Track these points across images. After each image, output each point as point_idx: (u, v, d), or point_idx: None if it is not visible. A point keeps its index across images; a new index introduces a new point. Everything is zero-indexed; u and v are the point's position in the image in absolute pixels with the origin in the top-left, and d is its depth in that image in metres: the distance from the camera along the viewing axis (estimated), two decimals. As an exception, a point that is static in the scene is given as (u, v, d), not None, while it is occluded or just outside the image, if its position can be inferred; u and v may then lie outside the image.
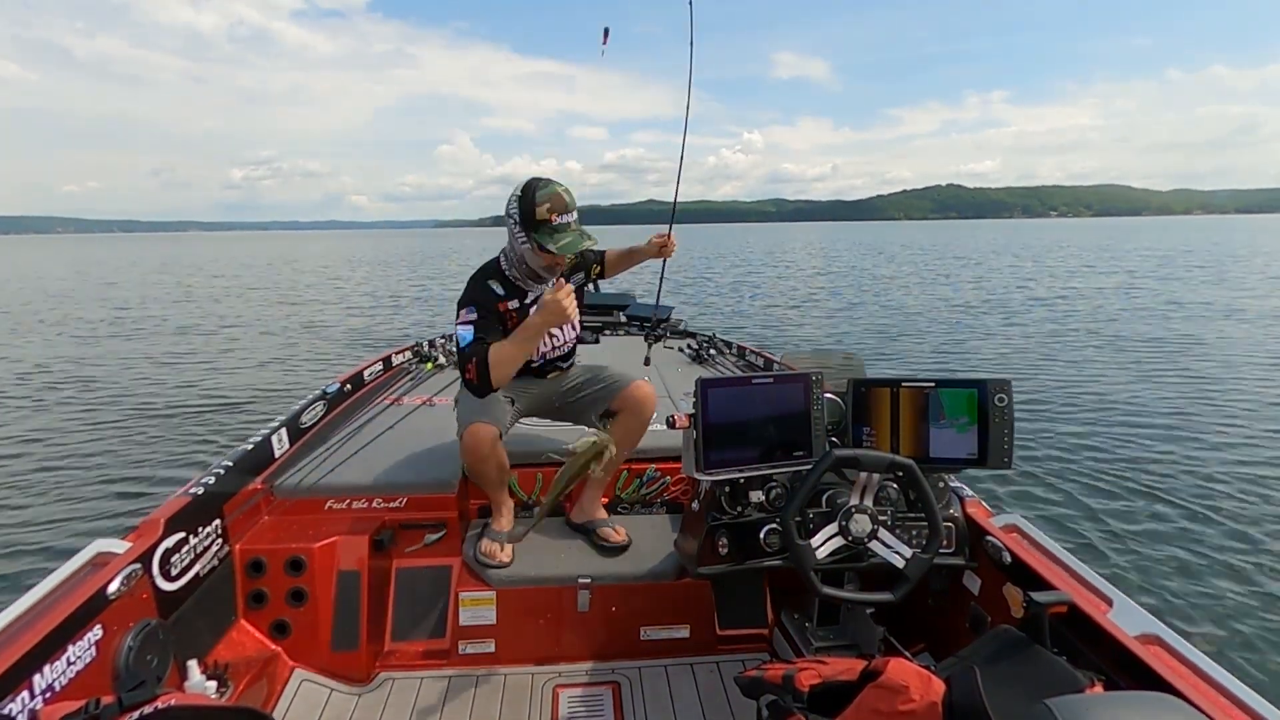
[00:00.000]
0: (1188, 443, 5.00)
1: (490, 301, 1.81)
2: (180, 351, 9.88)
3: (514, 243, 1.80)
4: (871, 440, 1.64)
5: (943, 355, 8.99)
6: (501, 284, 1.85)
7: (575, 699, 1.76)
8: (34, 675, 1.13)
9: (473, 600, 1.90)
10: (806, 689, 1.05)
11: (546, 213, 1.71)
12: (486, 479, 1.94)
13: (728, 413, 1.53)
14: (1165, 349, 8.61)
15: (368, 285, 21.75)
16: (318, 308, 15.61)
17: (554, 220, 1.71)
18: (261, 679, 1.66)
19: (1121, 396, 6.37)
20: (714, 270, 25.82)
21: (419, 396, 2.98)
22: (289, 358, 9.39)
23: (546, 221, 1.71)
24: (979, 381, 1.53)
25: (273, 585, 1.81)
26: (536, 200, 1.71)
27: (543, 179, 1.75)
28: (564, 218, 1.72)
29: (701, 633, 1.94)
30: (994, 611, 1.50)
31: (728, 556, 1.55)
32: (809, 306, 14.56)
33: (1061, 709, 0.72)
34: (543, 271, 1.83)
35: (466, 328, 1.74)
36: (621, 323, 4.79)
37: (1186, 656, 1.08)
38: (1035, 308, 13.11)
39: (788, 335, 11.03)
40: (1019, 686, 1.04)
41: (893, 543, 1.42)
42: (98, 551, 1.41)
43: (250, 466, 1.97)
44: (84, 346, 10.40)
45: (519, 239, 1.77)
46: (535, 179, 1.75)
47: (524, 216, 1.73)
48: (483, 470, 1.88)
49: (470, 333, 1.73)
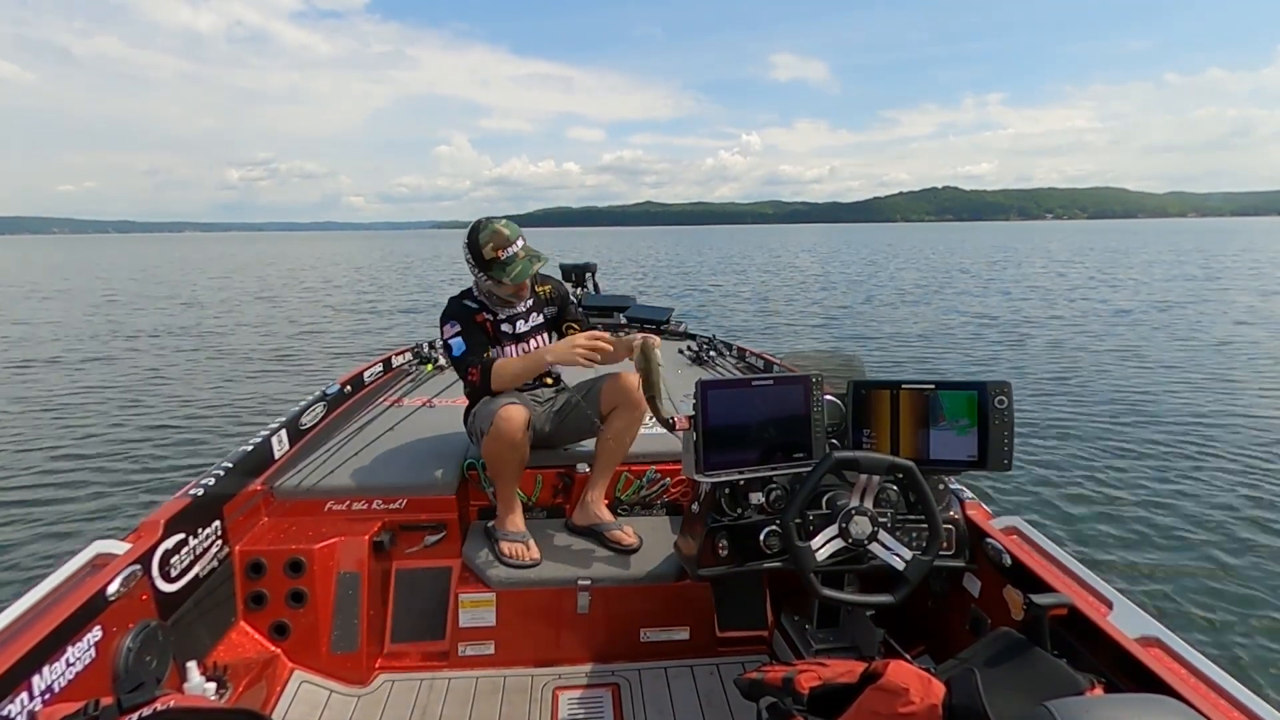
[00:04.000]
0: (1188, 444, 5.00)
1: (469, 314, 2.00)
2: (180, 352, 9.88)
3: (478, 281, 2.00)
4: (871, 442, 1.63)
5: (943, 357, 8.99)
6: (475, 302, 2.04)
7: (575, 701, 1.76)
8: (33, 676, 1.13)
9: (472, 602, 1.90)
10: (806, 691, 1.05)
11: (492, 251, 1.88)
12: (507, 469, 1.93)
13: (728, 414, 1.53)
14: (1166, 350, 8.61)
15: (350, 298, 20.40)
16: (316, 310, 15.62)
17: (501, 256, 1.88)
18: (261, 680, 1.66)
19: (1122, 398, 6.38)
20: (714, 272, 25.86)
21: (419, 398, 2.98)
22: (289, 358, 9.40)
23: (495, 259, 1.89)
24: (979, 383, 1.53)
25: (272, 586, 1.81)
26: (481, 242, 1.89)
27: (483, 220, 1.93)
28: (509, 250, 1.89)
29: (701, 634, 1.94)
30: (994, 614, 1.50)
31: (728, 558, 1.54)
32: (809, 307, 14.56)
33: (1061, 711, 0.72)
34: (510, 298, 2.02)
35: (456, 339, 1.93)
36: (621, 324, 4.79)
37: (1186, 659, 1.08)
38: (1036, 309, 13.11)
39: (788, 337, 11.04)
40: (1019, 689, 1.04)
41: (893, 545, 1.42)
42: (97, 553, 1.41)
43: (250, 468, 1.97)
44: (84, 347, 10.40)
45: (480, 277, 1.97)
46: (477, 222, 1.94)
47: (475, 258, 1.92)
48: (507, 459, 1.88)
49: (461, 341, 1.93)
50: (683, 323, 4.76)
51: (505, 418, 1.80)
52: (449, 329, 1.95)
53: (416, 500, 2.05)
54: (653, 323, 4.73)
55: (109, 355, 9.69)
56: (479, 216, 1.97)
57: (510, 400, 1.86)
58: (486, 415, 1.86)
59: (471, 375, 1.89)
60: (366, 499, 2.04)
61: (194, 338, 11.31)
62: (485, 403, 1.92)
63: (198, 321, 13.44)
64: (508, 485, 2.00)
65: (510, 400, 1.86)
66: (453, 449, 2.24)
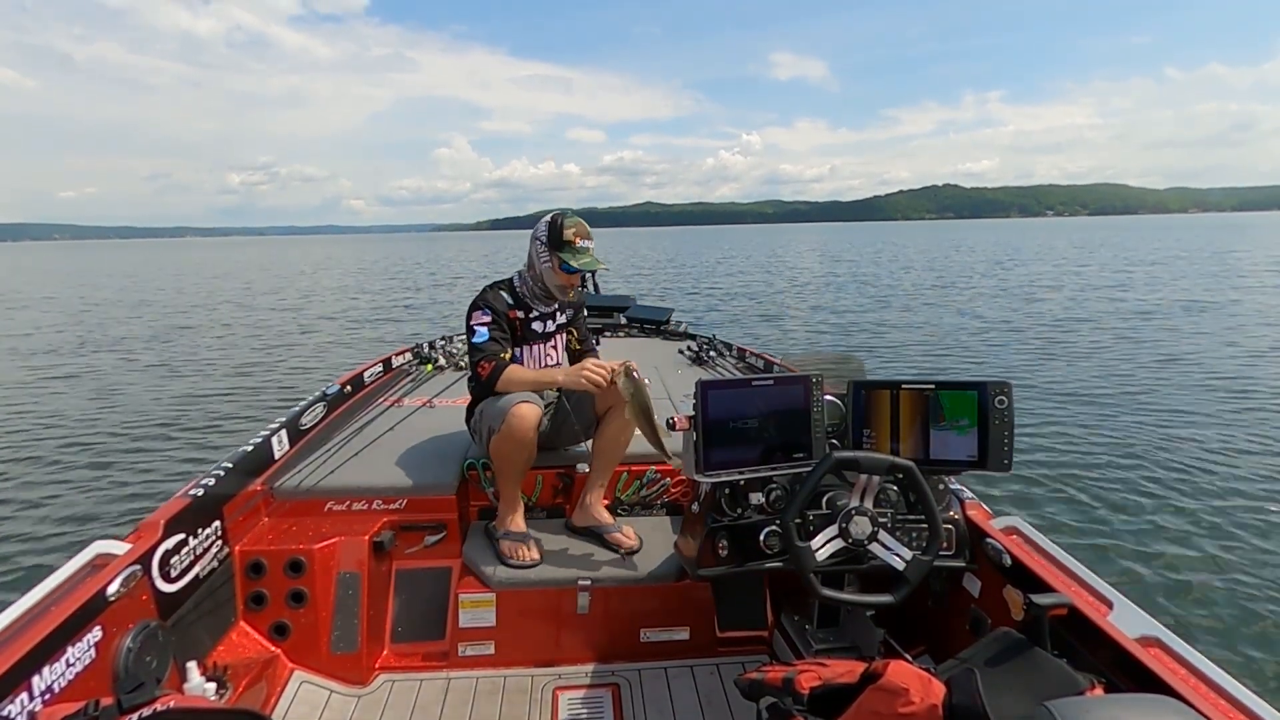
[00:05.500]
0: (1189, 444, 5.00)
1: (501, 307, 2.02)
2: (180, 353, 9.88)
3: (536, 261, 2.03)
4: (871, 442, 1.63)
5: (943, 357, 8.99)
6: (511, 296, 2.06)
7: (575, 701, 1.76)
8: (33, 677, 1.13)
9: (472, 602, 1.90)
10: (806, 691, 1.05)
11: (572, 235, 1.97)
12: (514, 467, 1.93)
13: (728, 414, 1.53)
14: (1167, 351, 8.61)
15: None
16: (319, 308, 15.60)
17: (578, 243, 1.98)
18: (261, 681, 1.66)
19: (1123, 398, 6.38)
20: (714, 272, 25.85)
21: (419, 398, 2.98)
22: (290, 358, 9.40)
23: (571, 243, 1.97)
24: (979, 383, 1.53)
25: (272, 587, 1.80)
26: (565, 225, 1.98)
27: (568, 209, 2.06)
28: (585, 242, 2.00)
29: (701, 635, 1.94)
30: (994, 614, 1.50)
31: (727, 558, 1.54)
32: (809, 308, 14.57)
33: (1061, 711, 0.72)
34: (555, 290, 2.05)
35: (482, 327, 1.96)
36: (621, 325, 4.79)
37: (1186, 659, 1.08)
38: (1036, 309, 13.11)
39: (788, 337, 11.04)
40: (1019, 689, 1.04)
41: (893, 545, 1.42)
42: (97, 553, 1.41)
43: (250, 468, 1.97)
44: (83, 347, 10.40)
45: (542, 258, 2.01)
46: (562, 210, 2.06)
47: (552, 238, 1.99)
48: (516, 457, 1.88)
49: (486, 331, 1.96)
50: (682, 323, 4.76)
51: (519, 415, 1.80)
52: (479, 315, 1.98)
53: (416, 500, 2.05)
54: (653, 323, 4.73)
55: (109, 356, 9.69)
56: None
57: (523, 398, 1.85)
58: (496, 413, 1.85)
59: (482, 368, 1.90)
60: (366, 499, 2.04)
61: (194, 338, 11.31)
62: (493, 400, 1.91)
63: (198, 322, 13.45)
64: (512, 484, 1.99)
65: (523, 398, 1.85)
66: (453, 449, 2.24)
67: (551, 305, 2.11)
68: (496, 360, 1.91)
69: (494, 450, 1.90)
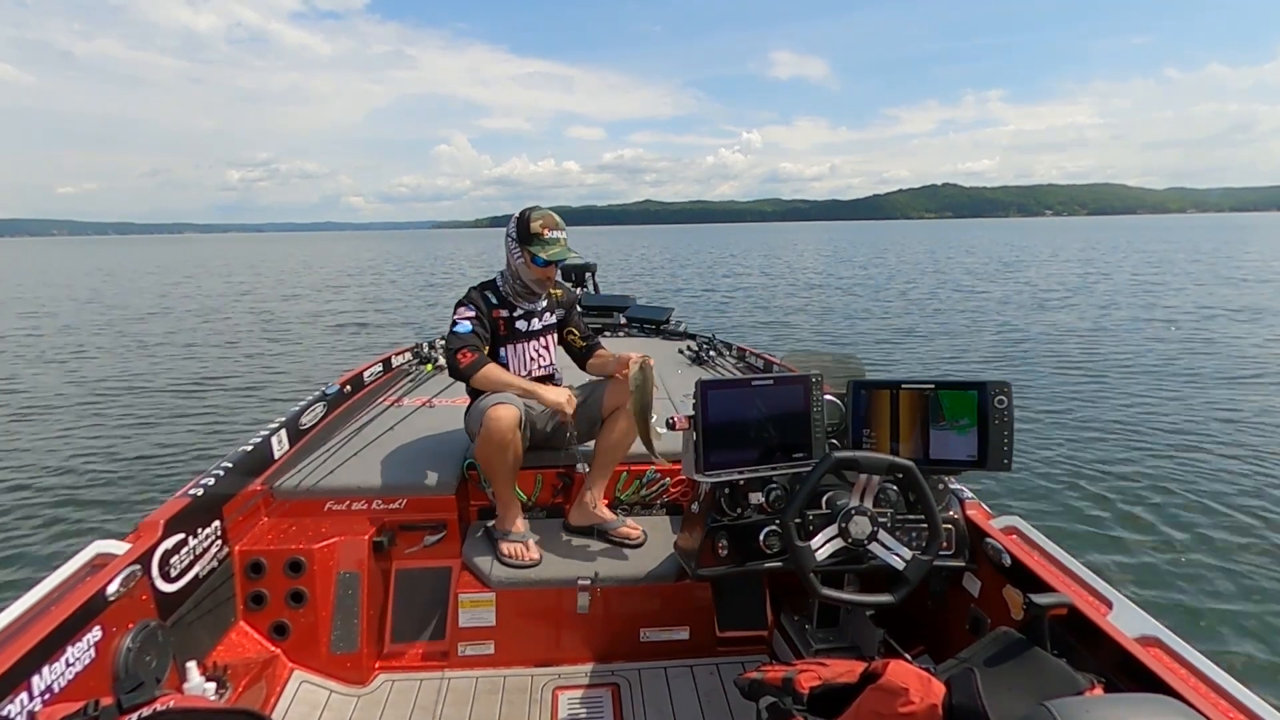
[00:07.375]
0: (1189, 444, 5.00)
1: (486, 305, 2.06)
2: (180, 353, 9.87)
3: (511, 259, 2.07)
4: (871, 442, 1.63)
5: (943, 357, 8.99)
6: (495, 296, 2.11)
7: (575, 701, 1.76)
8: (33, 677, 1.13)
9: (472, 602, 1.90)
10: (806, 691, 1.05)
11: (540, 228, 1.99)
12: (501, 469, 1.92)
13: (727, 414, 1.53)
14: (1167, 350, 8.61)
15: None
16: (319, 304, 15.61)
17: (545, 234, 2.00)
18: (260, 680, 1.66)
19: (1122, 398, 6.38)
20: (713, 271, 25.85)
21: (419, 398, 2.98)
22: (290, 358, 9.39)
23: (539, 235, 1.99)
24: (979, 383, 1.53)
25: (272, 587, 1.80)
26: (531, 219, 2.00)
27: (538, 205, 2.06)
28: (554, 233, 2.01)
29: (701, 634, 1.94)
30: (994, 613, 1.50)
31: (727, 558, 1.54)
32: (809, 308, 14.56)
33: (1061, 711, 0.72)
34: (533, 285, 2.08)
35: (465, 321, 2.00)
36: (621, 324, 4.79)
37: (1186, 658, 1.08)
38: (1036, 309, 13.11)
39: (788, 337, 11.04)
40: (1019, 688, 1.04)
41: (892, 545, 1.42)
42: (97, 553, 1.41)
43: (250, 468, 1.97)
44: (83, 347, 10.40)
45: (515, 254, 2.05)
46: (532, 206, 2.06)
47: (521, 233, 2.02)
48: (499, 459, 1.88)
49: (468, 326, 2.00)
50: (682, 323, 4.76)
51: (494, 417, 1.81)
52: (463, 310, 2.02)
53: (416, 500, 2.05)
54: (652, 323, 4.72)
55: (109, 356, 9.69)
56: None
57: (500, 400, 1.86)
58: (477, 415, 1.88)
59: (463, 355, 1.94)
60: (366, 499, 2.04)
61: (193, 338, 11.31)
62: (478, 403, 1.94)
63: (198, 322, 13.44)
64: (504, 485, 2.00)
65: (500, 400, 1.86)
66: (452, 449, 2.24)
67: (535, 303, 2.14)
68: (477, 351, 1.95)
69: (478, 454, 1.94)
